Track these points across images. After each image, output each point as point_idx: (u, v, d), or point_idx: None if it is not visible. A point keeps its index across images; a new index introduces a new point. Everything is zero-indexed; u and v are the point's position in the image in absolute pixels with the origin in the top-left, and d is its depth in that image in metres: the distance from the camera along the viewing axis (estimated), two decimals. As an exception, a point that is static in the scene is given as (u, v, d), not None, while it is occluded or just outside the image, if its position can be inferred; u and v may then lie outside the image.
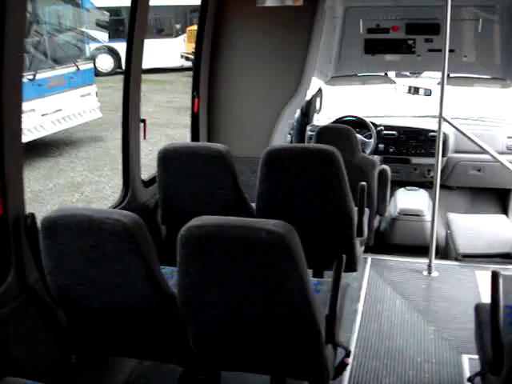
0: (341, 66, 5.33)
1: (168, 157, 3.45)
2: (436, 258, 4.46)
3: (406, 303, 3.92)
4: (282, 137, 5.02)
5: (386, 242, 5.07)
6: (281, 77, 5.05)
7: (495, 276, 2.41)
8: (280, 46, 5.02)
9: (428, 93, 5.47)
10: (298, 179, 3.15)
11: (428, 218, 4.78)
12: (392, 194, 5.45)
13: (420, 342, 3.46)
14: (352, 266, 3.38)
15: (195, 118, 5.04)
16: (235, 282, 2.11)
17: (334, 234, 3.27)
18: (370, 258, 4.58)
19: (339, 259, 2.56)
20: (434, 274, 4.32)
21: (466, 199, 5.82)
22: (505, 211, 5.61)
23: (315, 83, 5.38)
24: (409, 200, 5.24)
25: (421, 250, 4.60)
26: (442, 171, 4.95)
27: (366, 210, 3.73)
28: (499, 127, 5.46)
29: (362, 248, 3.72)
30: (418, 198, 5.29)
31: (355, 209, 3.37)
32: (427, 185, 5.34)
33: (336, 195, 3.12)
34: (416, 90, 5.65)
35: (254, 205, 3.37)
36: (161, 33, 19.90)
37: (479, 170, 5.36)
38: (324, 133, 4.32)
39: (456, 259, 4.58)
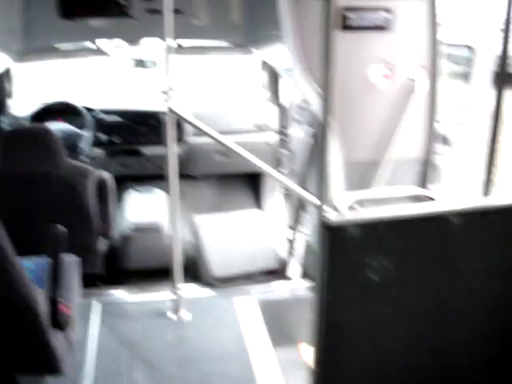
0: (29, 36, 3.80)
1: None
2: (185, 281, 3.38)
3: (151, 374, 2.80)
4: None
5: (121, 268, 3.90)
6: None
7: None
8: None
9: (152, 65, 4.37)
10: None
11: (168, 230, 3.68)
12: (121, 199, 4.28)
13: None
14: (53, 367, 2.16)
15: None
16: None
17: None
18: (99, 304, 3.32)
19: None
20: (184, 315, 3.26)
21: (213, 189, 4.91)
22: (257, 199, 4.87)
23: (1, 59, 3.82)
24: (142, 208, 4.09)
25: (167, 275, 3.51)
26: (182, 159, 3.94)
27: (69, 259, 2.65)
28: (244, 103, 4.60)
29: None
30: (153, 203, 4.17)
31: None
32: (165, 178, 4.28)
33: None
34: (140, 63, 4.51)
35: None
36: None
37: (224, 155, 4.44)
38: (11, 140, 3.00)
39: (210, 284, 3.63)
